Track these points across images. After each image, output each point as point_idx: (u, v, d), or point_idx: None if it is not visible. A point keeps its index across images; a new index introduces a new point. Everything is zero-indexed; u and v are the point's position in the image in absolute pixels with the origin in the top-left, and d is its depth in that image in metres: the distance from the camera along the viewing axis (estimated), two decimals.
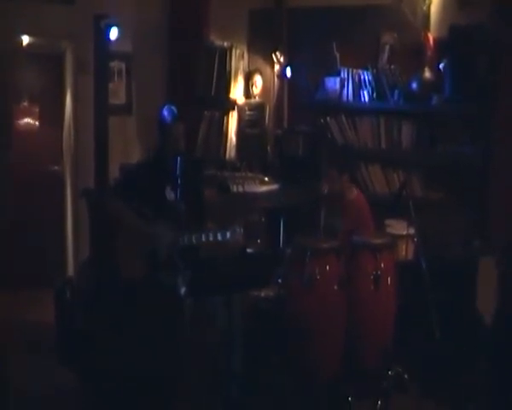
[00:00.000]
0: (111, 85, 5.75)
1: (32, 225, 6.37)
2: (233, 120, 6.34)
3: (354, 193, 4.97)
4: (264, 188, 5.75)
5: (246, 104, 6.39)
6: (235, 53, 6.31)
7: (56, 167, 6.53)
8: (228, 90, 6.31)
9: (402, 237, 4.94)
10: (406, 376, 4.56)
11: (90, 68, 5.34)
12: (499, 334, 4.37)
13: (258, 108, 6.38)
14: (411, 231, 4.78)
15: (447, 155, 5.63)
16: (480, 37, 5.40)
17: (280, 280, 4.72)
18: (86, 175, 5.55)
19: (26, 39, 6.01)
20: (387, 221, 5.29)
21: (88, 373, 4.63)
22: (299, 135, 6.09)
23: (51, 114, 6.54)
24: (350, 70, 6.03)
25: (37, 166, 6.51)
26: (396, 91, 5.85)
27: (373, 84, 5.94)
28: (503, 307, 4.51)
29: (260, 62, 6.51)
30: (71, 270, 6.29)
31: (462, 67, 5.46)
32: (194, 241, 4.12)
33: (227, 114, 6.32)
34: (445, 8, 5.72)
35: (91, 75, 5.18)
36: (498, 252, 4.78)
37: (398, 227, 5.09)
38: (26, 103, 6.50)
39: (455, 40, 5.49)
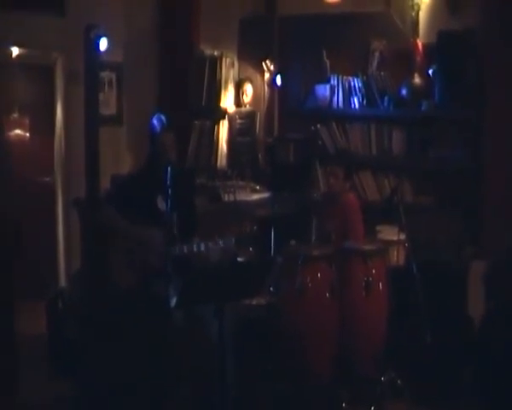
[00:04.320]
0: (101, 96, 5.76)
1: (22, 236, 6.38)
2: (224, 129, 6.36)
3: (349, 198, 5.02)
4: (256, 196, 5.78)
5: (236, 113, 6.42)
6: (226, 62, 6.33)
7: (47, 178, 6.55)
8: (218, 99, 6.32)
9: (393, 242, 4.98)
10: (399, 381, 4.59)
11: (80, 79, 5.36)
12: (485, 336, 4.41)
13: (249, 117, 6.41)
14: (402, 236, 4.81)
15: (438, 160, 5.68)
16: (468, 42, 5.46)
17: (272, 288, 4.77)
18: (77, 186, 5.56)
19: (15, 50, 6.04)
20: (378, 227, 5.33)
21: (82, 383, 4.65)
22: (290, 143, 6.13)
23: (42, 125, 6.56)
24: (340, 77, 6.09)
25: (28, 178, 6.54)
26: (386, 98, 5.90)
27: (363, 90, 6.00)
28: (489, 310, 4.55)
29: (251, 71, 6.55)
30: (63, 281, 6.30)
31: (451, 72, 5.51)
32: (185, 250, 4.16)
33: (218, 122, 6.33)
34: (433, 14, 5.77)
35: (82, 86, 5.21)
36: (489, 256, 4.83)
37: (390, 233, 5.13)
38: (16, 115, 6.54)
39: (443, 46, 5.54)
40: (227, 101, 6.40)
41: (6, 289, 4.83)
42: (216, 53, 6.31)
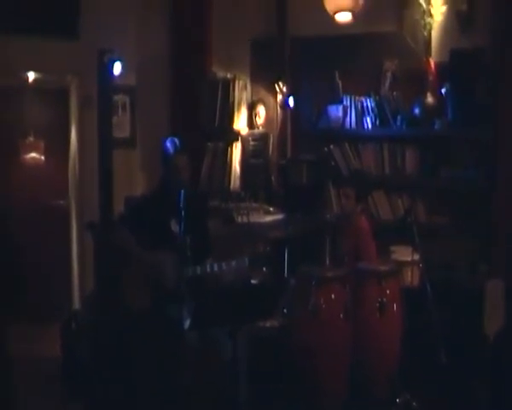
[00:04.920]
0: (115, 119, 5.81)
1: (37, 259, 6.43)
2: (237, 151, 6.37)
3: (361, 220, 5.01)
4: (269, 218, 5.77)
5: (249, 134, 6.42)
6: (238, 84, 6.35)
7: (62, 201, 6.60)
8: (231, 121, 6.34)
9: (407, 263, 4.94)
10: (414, 403, 4.55)
11: (94, 102, 5.41)
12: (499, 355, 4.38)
13: (262, 139, 6.40)
14: (416, 256, 4.79)
15: (451, 179, 5.66)
16: (480, 60, 5.47)
17: (285, 310, 4.76)
18: (91, 209, 5.60)
19: (31, 75, 6.13)
20: (392, 247, 5.29)
21: (96, 405, 4.66)
22: (302, 164, 6.11)
23: (56, 148, 6.63)
24: (352, 97, 6.09)
25: (42, 200, 6.59)
26: (399, 117, 5.89)
27: (376, 110, 5.99)
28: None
29: (263, 93, 6.56)
30: (76, 303, 6.33)
31: (463, 90, 5.50)
32: (198, 272, 4.17)
33: (231, 144, 6.34)
34: (445, 33, 5.77)
35: (96, 109, 5.26)
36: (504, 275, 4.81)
37: (404, 253, 5.09)
38: (31, 138, 6.60)
39: (456, 64, 5.54)
40: (240, 123, 6.42)
41: None
42: (229, 75, 6.33)
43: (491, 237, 5.32)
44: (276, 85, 6.37)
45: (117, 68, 5.08)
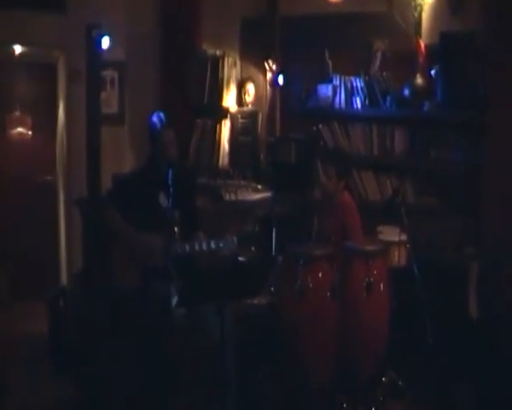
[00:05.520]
0: (103, 94, 5.78)
1: (24, 236, 6.40)
2: (226, 128, 6.36)
3: (344, 196, 5.02)
4: (257, 196, 5.78)
5: (238, 112, 6.42)
6: (228, 61, 6.33)
7: (49, 177, 6.57)
8: (220, 99, 6.33)
9: (394, 243, 4.96)
10: (400, 382, 4.60)
11: (82, 77, 5.37)
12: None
13: (251, 116, 6.40)
14: (404, 237, 4.81)
15: (440, 161, 5.66)
16: (470, 43, 5.44)
17: (272, 288, 4.77)
18: (79, 185, 5.57)
19: (17, 49, 6.06)
20: (380, 228, 5.30)
21: (83, 382, 4.66)
22: (291, 142, 6.10)
23: (44, 123, 6.59)
24: (342, 77, 6.06)
25: (29, 176, 6.55)
26: (388, 98, 5.88)
27: (365, 90, 5.97)
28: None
29: (253, 70, 6.54)
30: (64, 280, 6.32)
31: (453, 73, 5.48)
32: (187, 250, 4.17)
33: (220, 122, 6.34)
34: (436, 14, 5.74)
35: (84, 84, 5.21)
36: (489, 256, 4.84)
37: (391, 233, 5.10)
38: (18, 113, 6.55)
39: (446, 46, 5.51)
40: (229, 100, 6.41)
41: None
42: (218, 52, 6.32)
43: (478, 220, 5.34)
44: (266, 63, 6.35)
45: (105, 43, 5.04)
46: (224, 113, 6.38)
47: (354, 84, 6.04)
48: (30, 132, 6.61)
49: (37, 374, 4.99)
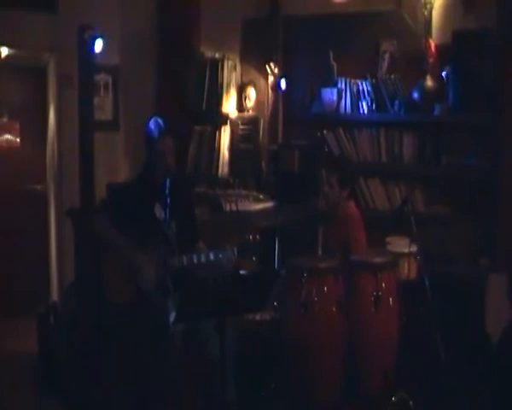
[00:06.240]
0: (97, 100, 5.78)
1: (12, 249, 6.40)
2: (225, 135, 6.36)
3: (348, 207, 5.01)
4: (259, 206, 5.79)
5: (239, 118, 6.43)
6: (228, 64, 6.34)
7: (39, 187, 6.57)
8: (220, 104, 6.33)
9: (404, 254, 4.95)
10: (411, 402, 4.57)
11: (74, 82, 5.38)
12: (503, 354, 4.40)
13: (252, 122, 6.42)
14: (414, 248, 4.79)
15: (452, 167, 5.67)
16: (485, 42, 5.46)
17: (276, 303, 4.77)
18: (71, 195, 5.57)
19: (4, 51, 6.07)
20: (388, 238, 5.31)
21: (75, 405, 4.65)
22: (294, 150, 6.12)
23: (33, 130, 6.60)
24: (348, 80, 6.10)
25: (18, 186, 6.55)
26: (396, 102, 5.90)
27: (372, 94, 6.00)
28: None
29: (254, 74, 6.56)
30: (55, 295, 6.30)
31: (466, 74, 5.49)
32: (185, 263, 4.16)
33: (219, 128, 6.34)
34: (447, 12, 5.76)
35: (76, 89, 5.22)
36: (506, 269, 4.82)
37: (400, 244, 5.09)
38: (5, 119, 6.56)
39: (458, 46, 5.53)
40: (229, 106, 6.41)
41: None
42: (217, 55, 6.32)
43: (493, 229, 5.33)
44: (268, 67, 6.38)
45: (98, 46, 5.05)
46: (223, 119, 6.39)
47: (360, 88, 6.07)
48: (18, 140, 6.62)
49: (26, 393, 4.97)
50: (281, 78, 6.27)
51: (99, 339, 4.58)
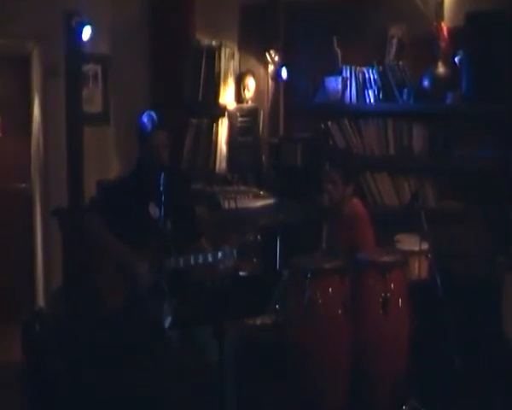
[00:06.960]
0: (85, 91, 5.79)
1: None
2: (223, 128, 6.37)
3: (354, 205, 5.01)
4: (259, 203, 5.79)
5: (237, 110, 6.43)
6: (225, 53, 6.35)
7: (23, 185, 6.58)
8: (217, 95, 6.34)
9: (414, 253, 4.92)
10: None
11: (60, 72, 5.37)
12: None
13: (251, 114, 6.42)
14: (425, 246, 4.78)
15: (464, 159, 5.67)
16: (500, 25, 5.44)
17: (278, 306, 4.76)
18: (58, 193, 5.57)
19: None
20: (397, 236, 5.30)
21: None
22: (297, 143, 6.13)
23: (16, 124, 6.61)
24: (353, 68, 6.08)
25: (0, 185, 6.55)
26: (405, 90, 5.89)
27: (379, 82, 5.99)
28: None
29: (253, 63, 6.56)
30: (41, 300, 6.30)
31: (480, 59, 5.48)
32: (181, 264, 4.16)
33: (216, 121, 6.35)
34: None
35: (62, 80, 5.22)
36: None
37: (410, 242, 5.08)
38: None
39: (472, 30, 5.52)
40: (227, 96, 6.42)
41: None
42: (214, 43, 6.33)
43: (509, 224, 5.33)
44: (268, 55, 6.38)
45: (86, 33, 5.04)
46: (221, 111, 6.40)
47: (367, 76, 6.07)
48: (0, 134, 6.60)
49: (10, 404, 4.97)
50: (281, 66, 6.28)
51: (89, 346, 4.57)
